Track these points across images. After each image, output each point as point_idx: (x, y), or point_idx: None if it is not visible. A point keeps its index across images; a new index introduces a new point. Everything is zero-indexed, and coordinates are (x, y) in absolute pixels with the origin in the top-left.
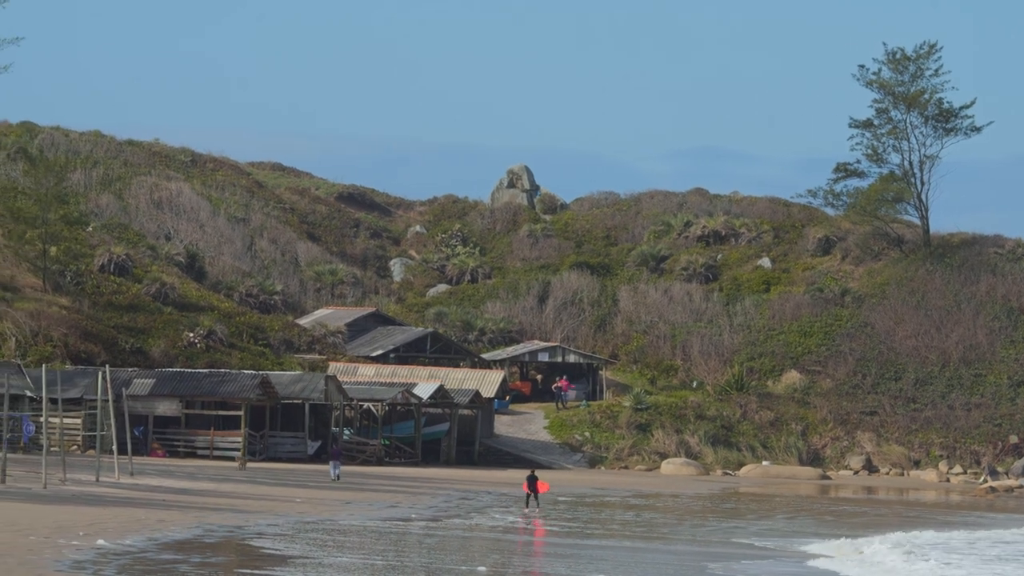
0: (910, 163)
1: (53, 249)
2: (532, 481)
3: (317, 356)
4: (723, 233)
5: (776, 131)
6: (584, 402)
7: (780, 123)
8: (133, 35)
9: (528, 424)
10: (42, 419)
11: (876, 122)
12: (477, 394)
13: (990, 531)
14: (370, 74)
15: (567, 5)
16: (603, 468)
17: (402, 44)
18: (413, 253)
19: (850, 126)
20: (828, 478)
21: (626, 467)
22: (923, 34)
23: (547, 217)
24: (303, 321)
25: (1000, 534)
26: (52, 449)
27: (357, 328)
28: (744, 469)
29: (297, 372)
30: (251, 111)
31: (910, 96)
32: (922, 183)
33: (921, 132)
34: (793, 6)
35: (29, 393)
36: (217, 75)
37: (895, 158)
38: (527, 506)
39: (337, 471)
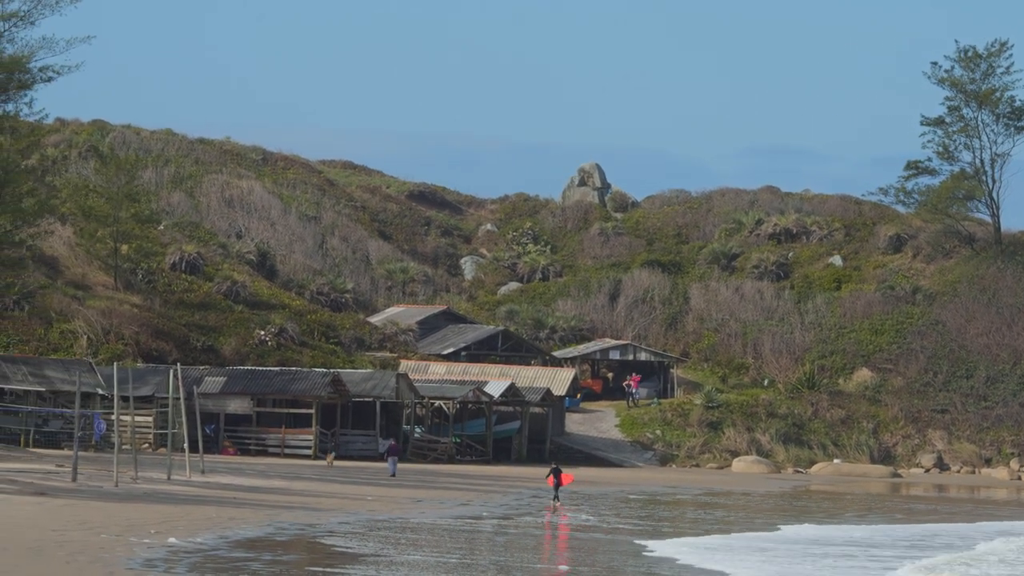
0: (981, 161)
1: (124, 247)
2: (556, 473)
3: (388, 354)
4: (794, 231)
5: (847, 129)
6: (655, 400)
7: (851, 121)
8: (204, 33)
9: (599, 422)
10: (114, 417)
11: (947, 120)
12: (548, 392)
13: None
14: (441, 72)
15: (638, 4)
16: (674, 466)
17: (475, 42)
18: (484, 251)
19: (921, 124)
20: (899, 476)
21: (697, 465)
22: (994, 32)
23: (618, 215)
24: (374, 319)
25: None
26: (124, 447)
27: (428, 326)
28: (815, 467)
29: (368, 370)
30: (322, 109)
31: (981, 94)
32: (993, 181)
33: (992, 130)
34: (866, 4)
35: (101, 391)
36: (288, 73)
37: (966, 156)
38: (555, 498)
39: (394, 467)
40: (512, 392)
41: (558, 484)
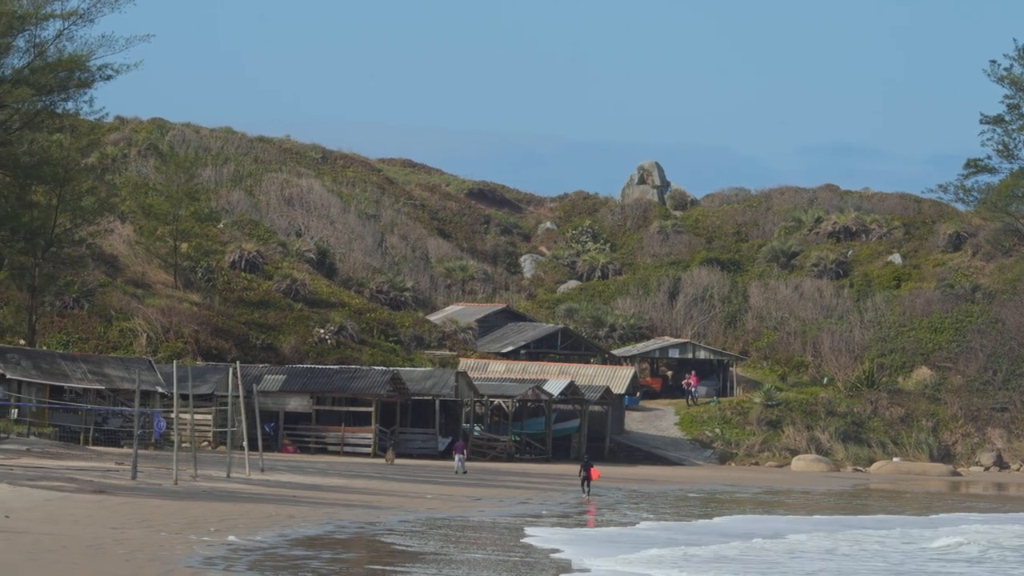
0: None
1: (184, 245)
2: (586, 467)
3: (448, 352)
4: (853, 229)
5: (907, 127)
6: (714, 398)
7: (911, 119)
8: (263, 32)
9: (658, 420)
10: (173, 415)
11: (1007, 118)
12: (607, 390)
13: None
14: (501, 71)
15: (697, 2)
16: (733, 464)
17: (533, 41)
18: (543, 249)
19: (981, 122)
20: (958, 474)
21: (756, 463)
22: None
23: (677, 213)
24: (433, 317)
25: None
26: (183, 445)
27: (487, 324)
28: (875, 466)
29: (428, 368)
30: (382, 108)
31: None
32: None
33: None
34: (924, 3)
35: (160, 389)
36: (348, 72)
37: None
38: (585, 492)
39: (462, 464)
40: (571, 390)
41: (587, 478)
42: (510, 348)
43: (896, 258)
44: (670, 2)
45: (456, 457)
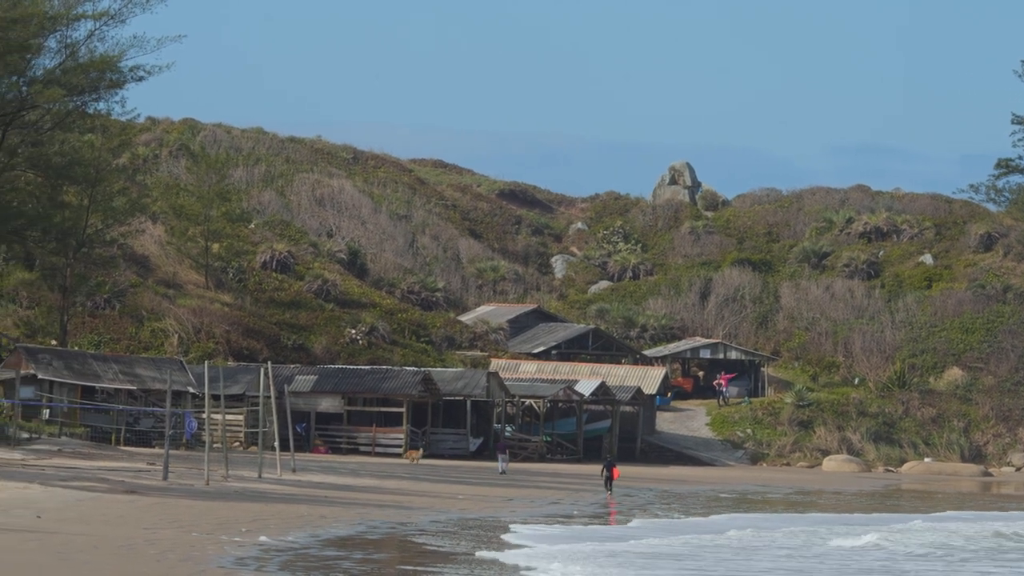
0: None
1: (215, 246)
2: (609, 467)
3: (479, 353)
4: (885, 229)
5: (937, 127)
6: (746, 399)
7: (941, 119)
8: (294, 32)
9: (690, 421)
10: (204, 416)
11: None
12: (639, 391)
13: None
14: (531, 72)
15: (726, 3)
16: (765, 465)
17: (565, 41)
18: (575, 250)
19: (1012, 122)
20: (990, 475)
21: (788, 464)
22: None
23: (708, 214)
24: (465, 318)
25: None
26: (215, 446)
27: (519, 325)
28: (906, 466)
29: (459, 369)
30: (413, 109)
31: None
32: None
33: None
34: (954, 3)
35: (192, 390)
36: (379, 73)
37: None
38: (607, 491)
39: (504, 464)
40: (603, 391)
41: (610, 477)
42: (541, 348)
43: (927, 258)
44: (700, 3)
45: (500, 458)
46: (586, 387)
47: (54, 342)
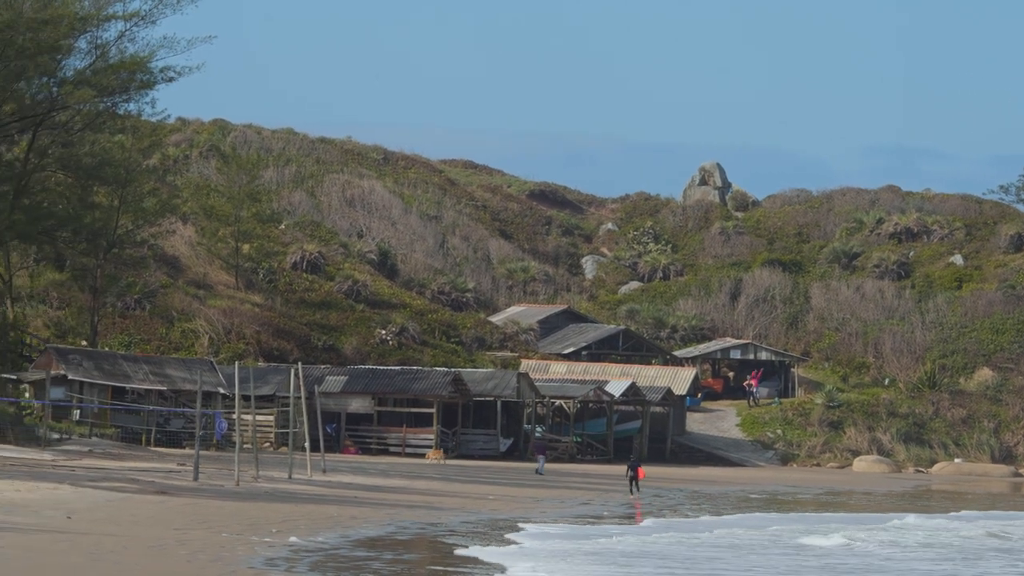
0: None
1: (246, 247)
2: (633, 467)
3: (509, 353)
4: (915, 230)
5: (968, 128)
6: (776, 399)
7: (972, 119)
8: (324, 32)
9: (720, 421)
10: (235, 416)
11: None
12: (669, 391)
13: None
14: (560, 72)
15: (757, 4)
16: (795, 465)
17: (594, 41)
18: (605, 250)
19: None
20: (1020, 475)
21: (818, 464)
22: None
23: (739, 214)
24: (495, 318)
25: None
26: (245, 446)
27: (549, 325)
28: (936, 467)
29: (489, 369)
30: (443, 109)
31: None
32: None
33: None
34: (983, 5)
35: (222, 390)
36: (410, 73)
37: None
38: (631, 492)
39: (543, 464)
40: (633, 391)
41: (635, 477)
42: (571, 349)
43: (958, 259)
44: (729, 4)
45: (539, 459)
46: (616, 388)
47: (84, 343)
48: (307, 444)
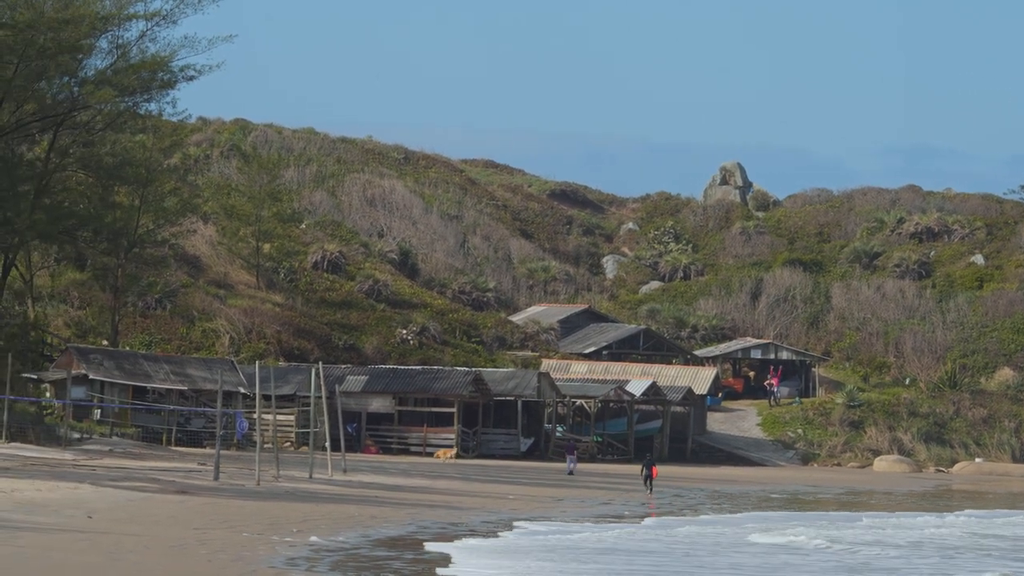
0: None
1: (266, 246)
2: (648, 466)
3: (530, 353)
4: (936, 230)
5: (989, 127)
6: (796, 399)
7: (993, 119)
8: (345, 32)
9: (740, 421)
10: (255, 416)
11: None
12: (689, 391)
13: None
14: (582, 72)
15: (778, 4)
16: (815, 465)
17: (615, 41)
18: (626, 250)
19: None
20: None
21: (838, 464)
22: None
23: (759, 214)
24: (516, 318)
25: None
26: (265, 446)
27: (570, 325)
28: (957, 466)
29: (510, 369)
30: (464, 109)
31: None
32: None
33: None
34: (1001, 6)
35: (243, 390)
36: (431, 73)
37: None
38: (647, 490)
39: (573, 465)
40: (653, 391)
41: (649, 476)
42: (592, 349)
43: (978, 259)
44: (750, 3)
45: (568, 459)
46: (637, 387)
47: (105, 342)
48: (327, 444)
